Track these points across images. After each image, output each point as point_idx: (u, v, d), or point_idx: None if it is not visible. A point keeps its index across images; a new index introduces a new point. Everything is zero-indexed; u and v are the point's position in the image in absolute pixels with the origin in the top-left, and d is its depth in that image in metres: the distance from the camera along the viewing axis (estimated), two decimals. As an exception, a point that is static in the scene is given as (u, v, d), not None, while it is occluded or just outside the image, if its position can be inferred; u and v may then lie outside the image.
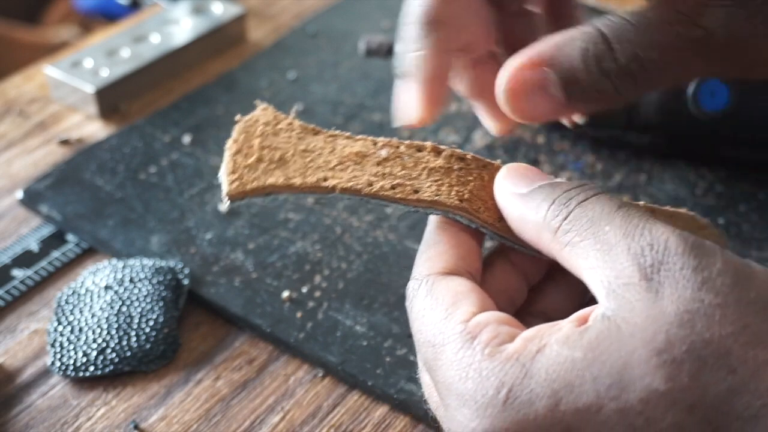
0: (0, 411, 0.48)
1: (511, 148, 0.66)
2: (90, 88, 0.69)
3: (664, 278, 0.31)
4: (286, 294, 0.53)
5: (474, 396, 0.33)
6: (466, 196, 0.38)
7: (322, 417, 0.48)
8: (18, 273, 0.56)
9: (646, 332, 0.31)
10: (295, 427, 0.47)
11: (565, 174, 0.63)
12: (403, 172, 0.39)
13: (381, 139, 0.40)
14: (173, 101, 0.71)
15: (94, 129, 0.69)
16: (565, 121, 0.46)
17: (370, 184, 0.39)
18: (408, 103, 0.41)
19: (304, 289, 0.54)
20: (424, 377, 0.38)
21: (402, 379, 0.48)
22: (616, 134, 0.64)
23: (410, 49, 0.41)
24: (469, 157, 0.40)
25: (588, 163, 0.64)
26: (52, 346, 0.50)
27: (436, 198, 0.38)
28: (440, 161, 0.39)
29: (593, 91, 0.37)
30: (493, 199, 0.39)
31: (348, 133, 0.40)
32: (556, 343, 0.32)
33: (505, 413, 0.32)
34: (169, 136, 0.67)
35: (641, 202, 0.40)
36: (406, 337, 0.51)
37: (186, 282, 0.54)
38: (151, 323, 0.51)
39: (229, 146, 0.39)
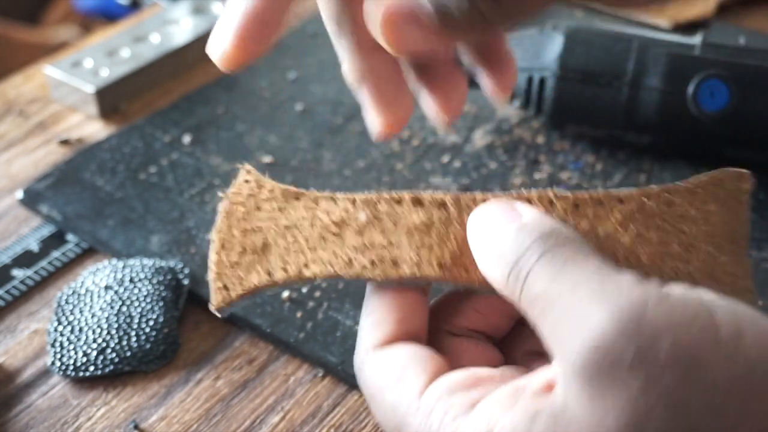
0: (0, 411, 0.48)
1: (511, 149, 0.66)
2: (90, 88, 0.69)
3: (606, 378, 0.28)
4: (286, 294, 0.53)
5: None
6: (447, 258, 0.37)
7: (322, 417, 0.48)
8: (18, 273, 0.56)
9: None
10: (295, 427, 0.47)
11: (565, 174, 0.63)
12: (383, 239, 0.38)
13: (360, 196, 0.39)
14: (173, 101, 0.71)
15: (94, 129, 0.69)
16: (487, 92, 0.43)
17: (350, 263, 0.38)
18: (220, 37, 0.38)
19: (304, 289, 0.54)
20: None
21: (402, 379, 0.48)
22: (616, 134, 0.64)
23: None
24: (448, 200, 0.38)
25: (588, 163, 0.64)
26: (52, 346, 0.50)
27: (416, 272, 0.37)
28: (421, 215, 0.38)
29: (464, 19, 0.36)
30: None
31: (328, 193, 0.39)
32: (509, 423, 0.30)
33: None
34: (169, 136, 0.67)
35: (655, 187, 0.38)
36: (406, 337, 0.51)
37: (186, 282, 0.54)
38: (151, 323, 0.51)
39: (214, 238, 0.39)
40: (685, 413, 0.27)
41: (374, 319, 0.38)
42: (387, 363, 0.36)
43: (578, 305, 0.29)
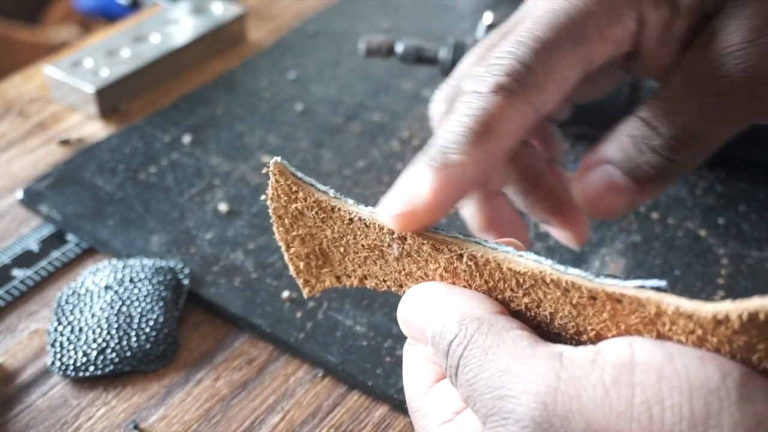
0: (0, 411, 0.48)
1: (511, 148, 0.66)
2: (90, 88, 0.69)
3: None
4: (286, 294, 0.53)
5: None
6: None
7: (322, 417, 0.48)
8: (18, 273, 0.56)
9: None
10: (295, 427, 0.47)
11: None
12: (418, 271, 0.37)
13: (387, 229, 0.37)
14: (173, 101, 0.71)
15: (94, 129, 0.69)
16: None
17: (401, 286, 0.38)
18: (419, 188, 0.35)
19: (304, 289, 0.54)
20: None
21: (402, 379, 0.48)
22: None
23: (452, 149, 0.35)
24: (465, 257, 0.36)
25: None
26: (52, 346, 0.50)
27: None
28: (441, 262, 0.36)
29: (655, 170, 0.38)
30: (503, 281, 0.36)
31: (357, 212, 0.37)
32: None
33: None
34: (169, 136, 0.67)
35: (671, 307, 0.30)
36: (406, 337, 0.50)
37: (186, 282, 0.54)
38: (151, 323, 0.51)
39: (283, 241, 0.40)
40: None
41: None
42: (409, 358, 0.38)
43: (500, 400, 0.30)
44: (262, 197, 0.39)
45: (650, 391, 0.27)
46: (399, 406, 0.48)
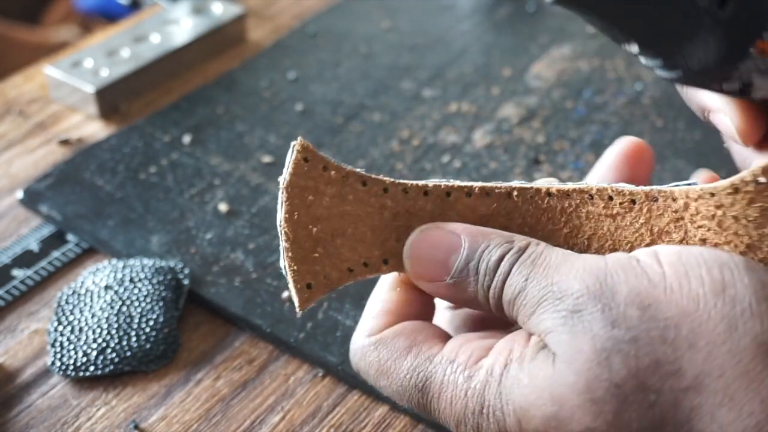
0: (0, 411, 0.48)
1: (512, 148, 0.66)
2: (90, 88, 0.69)
3: (580, 322, 0.33)
4: (286, 294, 0.53)
5: (465, 415, 0.35)
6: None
7: (322, 417, 0.48)
8: (18, 273, 0.56)
9: (569, 373, 0.32)
10: (295, 427, 0.47)
11: (565, 174, 0.63)
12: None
13: (431, 185, 0.38)
14: (173, 101, 0.71)
15: (94, 129, 0.69)
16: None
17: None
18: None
19: (304, 289, 0.54)
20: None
21: (402, 379, 0.48)
22: None
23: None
24: (515, 193, 0.38)
25: (588, 162, 0.64)
26: (53, 345, 0.50)
27: None
28: (490, 205, 0.38)
29: None
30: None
31: (396, 181, 0.38)
32: (515, 361, 0.34)
33: (490, 428, 0.34)
34: (169, 136, 0.67)
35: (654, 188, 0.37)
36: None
37: (186, 282, 0.54)
38: (151, 323, 0.51)
39: (283, 230, 0.36)
40: (649, 345, 0.32)
41: (375, 311, 0.39)
42: (393, 338, 0.38)
43: (553, 285, 0.34)
44: (279, 179, 0.37)
45: (675, 267, 0.33)
46: (399, 406, 0.48)
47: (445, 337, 0.38)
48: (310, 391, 0.49)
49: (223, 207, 0.60)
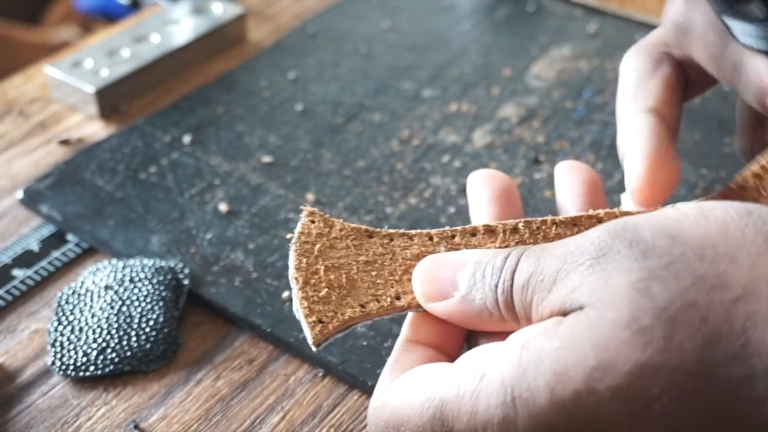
0: (0, 411, 0.48)
1: (512, 148, 0.66)
2: (90, 88, 0.69)
3: (609, 263, 0.32)
4: (286, 294, 0.53)
5: (491, 414, 0.33)
6: None
7: (322, 417, 0.48)
8: (18, 273, 0.56)
9: (608, 312, 0.31)
10: (295, 427, 0.47)
11: (565, 174, 0.63)
12: None
13: (434, 232, 0.39)
14: (173, 101, 0.71)
15: (94, 129, 0.69)
16: None
17: None
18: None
19: (304, 289, 0.54)
20: None
21: (402, 379, 0.48)
22: None
23: None
24: (521, 226, 0.39)
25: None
26: (53, 345, 0.50)
27: None
28: (497, 242, 0.39)
29: None
30: None
31: (401, 231, 0.39)
32: (536, 336, 0.33)
33: (520, 415, 0.32)
34: (169, 136, 0.67)
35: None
36: (406, 337, 0.51)
37: (186, 282, 0.54)
38: (151, 323, 0.51)
39: (294, 277, 0.38)
40: (687, 266, 0.31)
41: (384, 375, 0.38)
42: (398, 389, 0.36)
43: (569, 255, 0.33)
44: (289, 236, 0.39)
45: (696, 208, 0.33)
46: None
47: (449, 363, 0.36)
48: (310, 391, 0.49)
49: (223, 207, 0.60)
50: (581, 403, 0.31)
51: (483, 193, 0.44)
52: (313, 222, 0.39)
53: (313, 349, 0.36)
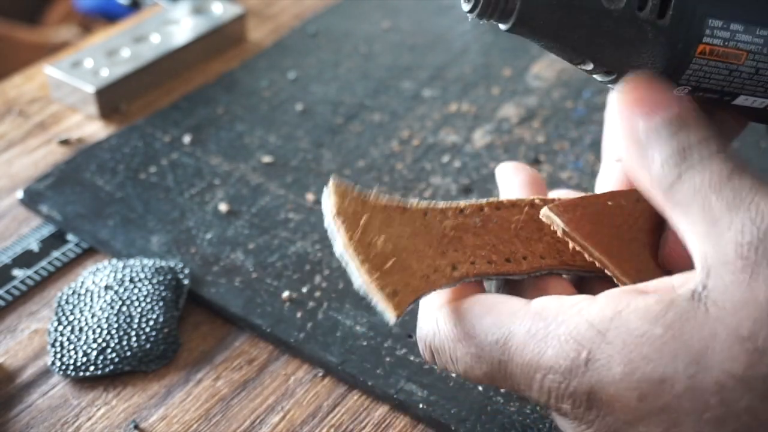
0: (0, 411, 0.48)
1: (512, 148, 0.66)
2: (90, 88, 0.69)
3: (762, 258, 0.31)
4: (286, 294, 0.53)
5: (557, 361, 0.33)
6: (551, 248, 0.41)
7: (322, 417, 0.48)
8: (18, 273, 0.56)
9: (733, 318, 0.31)
10: (295, 427, 0.47)
11: (564, 173, 0.63)
12: (503, 240, 0.40)
13: (463, 204, 0.40)
14: (173, 101, 0.71)
15: (94, 129, 0.69)
16: None
17: (490, 262, 0.39)
18: None
19: (304, 289, 0.54)
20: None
21: (402, 379, 0.48)
22: None
23: None
24: (537, 201, 0.41)
25: (588, 162, 0.64)
26: (53, 345, 0.50)
27: (543, 261, 0.40)
28: (523, 216, 0.41)
29: None
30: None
31: (428, 203, 0.40)
32: (634, 313, 0.32)
33: (588, 374, 0.33)
34: (169, 136, 0.67)
35: None
36: (406, 338, 0.51)
37: (186, 282, 0.54)
38: (151, 323, 0.51)
39: (353, 251, 0.36)
40: None
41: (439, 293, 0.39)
42: (470, 305, 0.37)
43: (740, 202, 0.32)
44: (326, 219, 0.37)
45: None
46: (399, 406, 0.48)
47: (526, 300, 0.37)
48: (310, 391, 0.49)
49: (223, 207, 0.60)
50: (658, 389, 0.31)
51: (514, 180, 0.45)
52: (345, 196, 0.38)
53: (393, 321, 0.35)
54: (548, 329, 0.34)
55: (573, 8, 0.35)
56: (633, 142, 0.35)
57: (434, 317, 0.38)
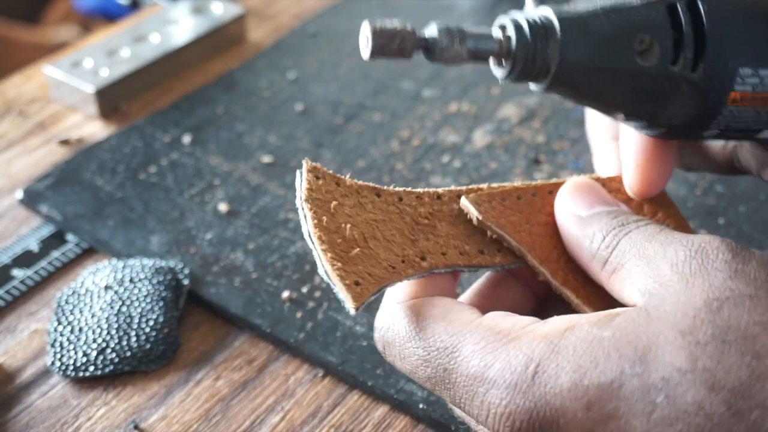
0: (0, 411, 0.48)
1: (512, 148, 0.66)
2: (90, 88, 0.69)
3: (697, 270, 0.33)
4: (286, 294, 0.53)
5: (503, 375, 0.34)
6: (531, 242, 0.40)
7: (322, 417, 0.48)
8: (18, 273, 0.56)
9: (674, 316, 0.32)
10: (295, 427, 0.47)
11: (565, 173, 0.63)
12: (478, 229, 0.40)
13: (442, 191, 0.40)
14: (173, 101, 0.71)
15: (94, 129, 0.69)
16: None
17: (462, 253, 0.39)
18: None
19: (304, 289, 0.54)
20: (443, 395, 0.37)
21: (402, 379, 0.48)
22: None
23: None
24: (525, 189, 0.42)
25: (588, 162, 0.64)
26: (52, 346, 0.50)
27: (508, 260, 0.40)
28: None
29: None
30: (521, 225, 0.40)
31: (407, 189, 0.39)
32: (587, 323, 0.34)
33: (533, 388, 0.33)
34: (169, 136, 0.67)
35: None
36: (406, 337, 0.51)
37: (186, 282, 0.54)
38: (151, 323, 0.51)
39: (317, 237, 0.36)
40: (755, 305, 0.32)
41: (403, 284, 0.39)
42: (426, 305, 0.37)
43: (672, 239, 0.35)
44: (297, 200, 0.37)
45: None
46: (399, 406, 0.48)
47: (480, 313, 0.37)
48: (310, 391, 0.49)
49: (223, 207, 0.60)
50: (606, 393, 0.32)
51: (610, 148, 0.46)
52: (317, 178, 0.37)
53: (352, 312, 0.35)
54: (499, 343, 0.34)
55: (608, 69, 0.36)
56: (576, 220, 0.39)
57: (392, 311, 0.38)
